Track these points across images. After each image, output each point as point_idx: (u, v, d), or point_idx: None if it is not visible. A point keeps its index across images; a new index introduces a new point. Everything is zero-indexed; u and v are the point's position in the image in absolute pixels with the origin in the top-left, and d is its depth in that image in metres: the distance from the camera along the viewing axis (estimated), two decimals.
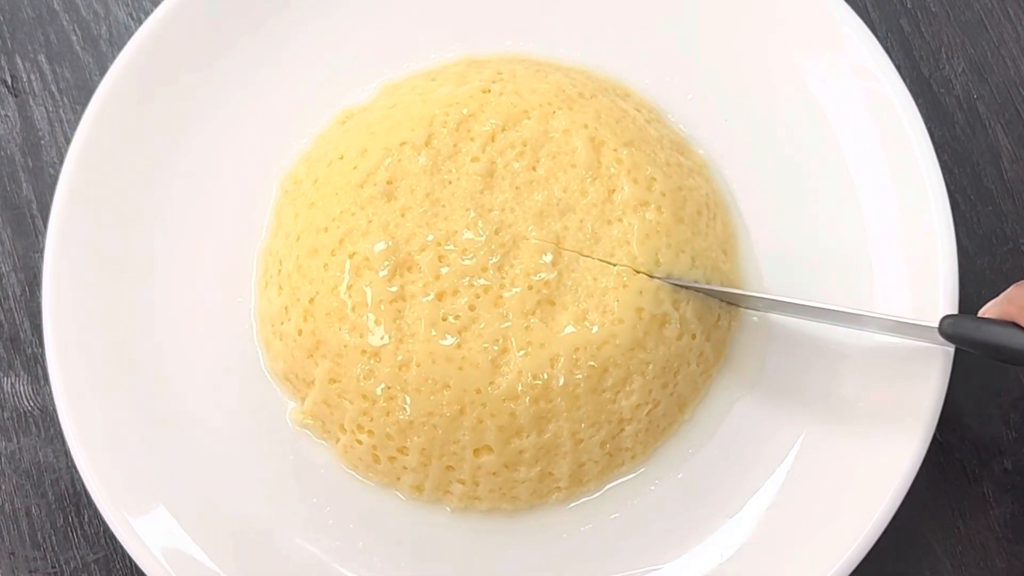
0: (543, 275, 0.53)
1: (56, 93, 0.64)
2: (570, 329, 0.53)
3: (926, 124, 0.56)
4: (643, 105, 0.60)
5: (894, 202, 0.56)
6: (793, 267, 0.58)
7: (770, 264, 0.58)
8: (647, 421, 0.55)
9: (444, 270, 0.53)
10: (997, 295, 0.48)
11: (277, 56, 0.60)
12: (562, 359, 0.52)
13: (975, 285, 0.61)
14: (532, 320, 0.53)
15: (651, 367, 0.54)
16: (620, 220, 0.55)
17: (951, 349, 0.53)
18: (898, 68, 0.57)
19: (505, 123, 0.56)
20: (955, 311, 0.54)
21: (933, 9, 0.65)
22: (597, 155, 0.55)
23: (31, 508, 0.59)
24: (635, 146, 0.56)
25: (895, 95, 0.57)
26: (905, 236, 0.56)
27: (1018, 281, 0.49)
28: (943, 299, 0.54)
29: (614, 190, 0.55)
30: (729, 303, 0.56)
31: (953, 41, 0.65)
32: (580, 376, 0.52)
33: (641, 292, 0.53)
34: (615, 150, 0.56)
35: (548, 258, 0.54)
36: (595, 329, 0.53)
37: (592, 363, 0.52)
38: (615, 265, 0.53)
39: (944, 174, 0.56)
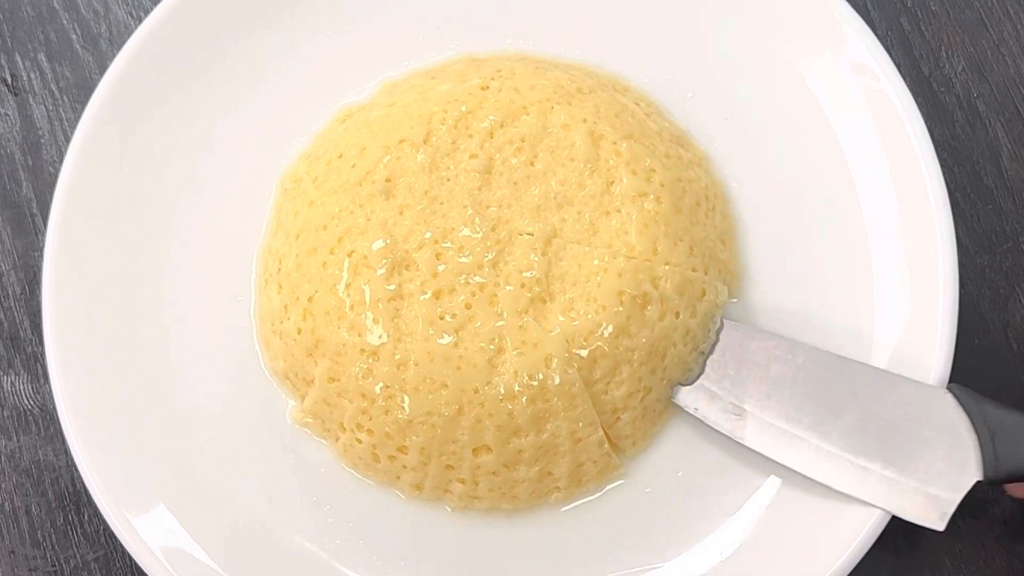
0: (532, 273, 0.53)
1: (56, 92, 0.64)
2: (560, 319, 0.52)
3: (926, 123, 0.56)
4: (642, 99, 0.60)
5: (894, 200, 0.56)
6: (793, 266, 0.58)
7: (769, 259, 0.58)
8: (641, 408, 0.55)
9: (441, 268, 0.53)
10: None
11: (277, 54, 0.60)
12: (555, 359, 0.52)
13: (975, 284, 0.61)
14: (526, 319, 0.52)
15: (636, 354, 0.53)
16: (619, 211, 0.55)
17: (950, 351, 0.53)
18: (898, 67, 0.57)
19: (504, 119, 0.56)
20: (955, 310, 0.54)
21: (933, 7, 0.65)
22: (596, 149, 0.55)
23: (31, 507, 0.59)
24: (634, 139, 0.56)
25: (895, 93, 0.57)
26: (905, 234, 0.56)
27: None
28: (943, 297, 0.54)
29: (613, 182, 0.55)
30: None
31: (953, 40, 0.64)
32: (573, 372, 0.52)
33: (621, 274, 0.53)
34: (614, 143, 0.55)
35: (536, 257, 0.53)
36: (576, 323, 0.53)
37: (582, 354, 0.52)
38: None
39: (944, 172, 0.56)
